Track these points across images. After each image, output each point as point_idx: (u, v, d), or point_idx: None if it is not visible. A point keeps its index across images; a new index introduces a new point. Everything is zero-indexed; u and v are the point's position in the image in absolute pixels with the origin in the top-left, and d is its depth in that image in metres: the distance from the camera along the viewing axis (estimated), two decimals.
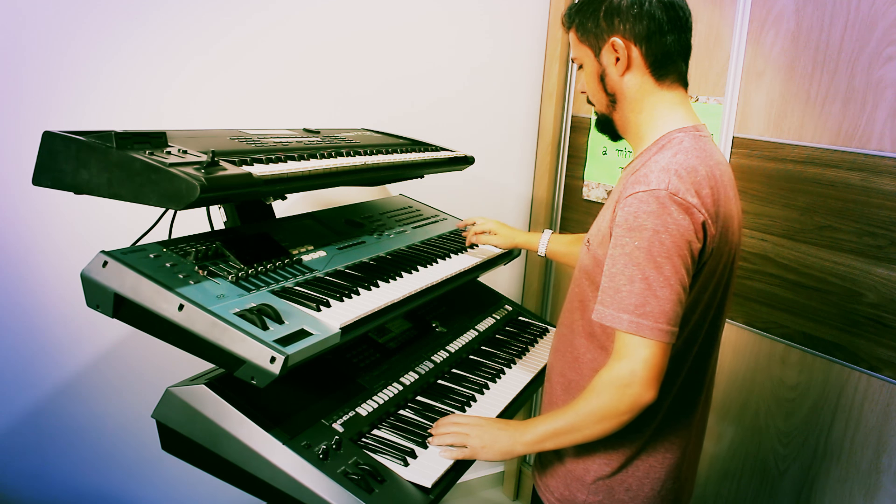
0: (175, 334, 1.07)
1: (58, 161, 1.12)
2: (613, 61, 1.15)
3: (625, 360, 1.04)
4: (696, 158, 1.08)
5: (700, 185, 1.05)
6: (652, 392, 1.04)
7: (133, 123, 1.80)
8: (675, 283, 1.02)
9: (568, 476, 1.22)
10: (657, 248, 1.02)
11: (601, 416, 1.07)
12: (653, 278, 1.02)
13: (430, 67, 2.27)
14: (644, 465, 1.19)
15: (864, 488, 1.68)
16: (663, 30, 1.12)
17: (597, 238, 1.16)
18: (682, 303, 1.03)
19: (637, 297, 1.02)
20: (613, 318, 1.04)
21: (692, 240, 1.03)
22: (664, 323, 1.02)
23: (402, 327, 1.61)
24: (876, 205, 1.60)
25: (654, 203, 1.03)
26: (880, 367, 1.62)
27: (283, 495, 1.08)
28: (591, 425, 1.09)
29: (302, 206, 2.07)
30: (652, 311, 1.02)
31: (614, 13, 1.13)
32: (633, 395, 1.04)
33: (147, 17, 1.79)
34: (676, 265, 1.02)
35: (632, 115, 1.18)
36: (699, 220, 1.04)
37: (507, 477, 2.80)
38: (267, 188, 1.20)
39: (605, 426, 1.08)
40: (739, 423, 1.95)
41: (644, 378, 1.03)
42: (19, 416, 1.83)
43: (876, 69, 1.57)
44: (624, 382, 1.04)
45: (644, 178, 1.06)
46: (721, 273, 1.15)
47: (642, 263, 1.02)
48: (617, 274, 1.05)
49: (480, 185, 2.47)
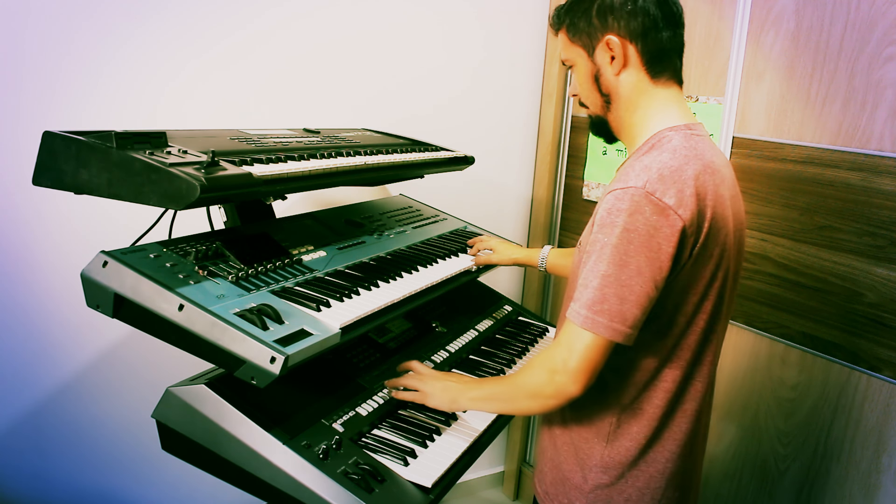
0: (175, 334, 1.07)
1: (58, 161, 1.11)
2: (608, 60, 1.13)
3: (562, 347, 1.05)
4: (682, 158, 1.05)
5: (682, 186, 1.02)
6: (577, 386, 1.04)
7: (133, 123, 1.80)
8: (637, 283, 1.01)
9: (566, 484, 1.21)
10: (625, 247, 1.01)
11: (529, 393, 1.11)
12: (615, 277, 1.01)
13: (430, 68, 2.27)
14: (644, 476, 1.16)
15: (864, 488, 1.68)
16: (658, 26, 1.11)
17: (586, 238, 1.15)
18: (642, 305, 1.02)
19: (597, 293, 1.02)
20: (574, 314, 1.04)
21: (663, 241, 1.01)
22: (619, 322, 1.01)
23: (402, 327, 1.61)
24: (876, 205, 1.60)
25: (628, 201, 1.01)
26: (880, 367, 1.62)
27: (283, 495, 1.08)
28: (520, 399, 1.14)
29: (302, 206, 2.07)
30: (609, 309, 1.01)
31: (607, 11, 1.11)
32: (559, 384, 1.05)
33: (148, 17, 1.79)
34: (641, 266, 1.00)
35: (626, 114, 1.17)
36: (675, 221, 1.01)
37: (507, 477, 2.80)
38: (267, 188, 1.20)
39: (532, 404, 1.12)
40: (739, 423, 1.95)
41: (573, 370, 1.03)
42: (19, 416, 1.83)
43: (876, 69, 1.57)
44: (555, 368, 1.06)
45: (624, 176, 1.05)
46: (715, 278, 1.10)
47: (608, 261, 1.01)
48: (588, 271, 1.04)
49: (480, 186, 2.47)
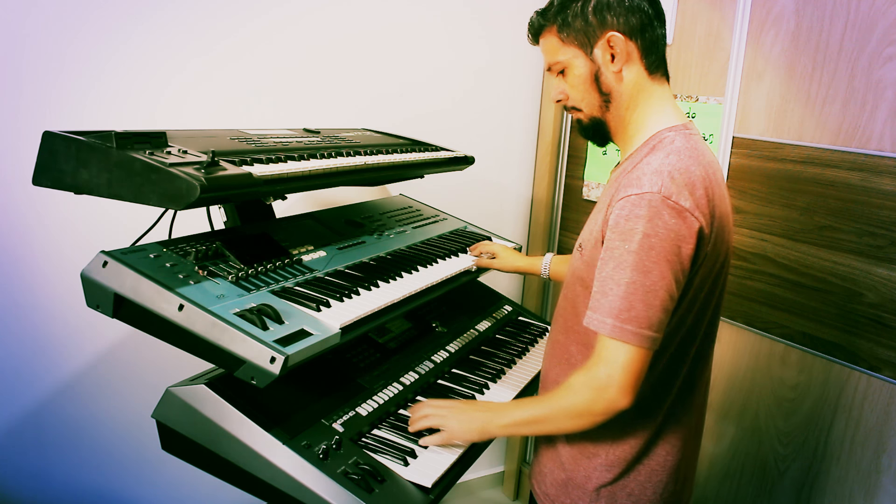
0: (175, 334, 1.07)
1: (58, 161, 1.11)
2: (609, 59, 1.13)
3: (603, 364, 1.04)
4: (689, 159, 1.06)
5: (694, 187, 1.04)
6: (628, 398, 1.03)
7: (133, 123, 1.80)
8: (662, 288, 1.01)
9: (568, 484, 1.21)
10: (646, 253, 1.01)
11: (575, 413, 1.08)
12: (640, 283, 1.01)
13: (431, 69, 2.27)
14: (646, 469, 1.18)
15: (864, 488, 1.68)
16: (653, 23, 1.13)
17: (589, 242, 1.14)
18: (667, 310, 1.02)
19: (623, 301, 1.01)
20: (599, 323, 1.04)
21: (683, 244, 1.02)
22: (647, 328, 1.01)
23: (402, 327, 1.61)
24: (876, 205, 1.60)
25: (646, 207, 1.01)
26: (880, 367, 1.62)
27: (283, 495, 1.08)
28: (563, 419, 1.10)
29: (302, 206, 2.07)
30: (636, 316, 1.01)
31: (604, 9, 1.11)
32: (608, 400, 1.04)
33: (148, 18, 1.79)
34: (664, 271, 1.01)
35: (627, 113, 1.17)
36: (692, 223, 1.02)
37: (507, 477, 2.80)
38: (267, 188, 1.20)
39: (577, 423, 1.09)
40: (739, 423, 1.95)
41: (621, 384, 1.03)
42: (19, 416, 1.83)
43: (876, 69, 1.57)
44: (601, 385, 1.04)
45: (636, 180, 1.04)
46: (717, 274, 1.14)
47: (631, 268, 1.01)
48: (606, 278, 1.04)
49: (481, 186, 2.47)
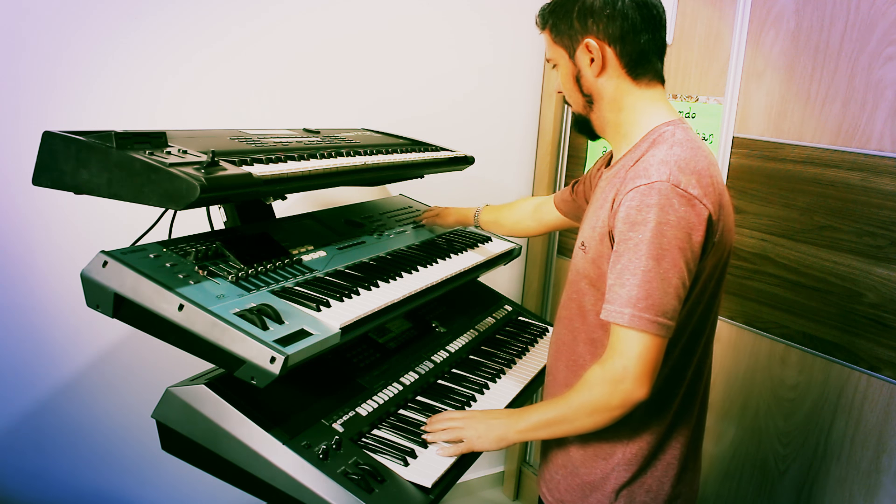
0: (175, 334, 1.07)
1: (58, 161, 1.11)
2: (588, 62, 1.14)
3: (618, 356, 1.04)
4: (691, 150, 1.08)
5: (701, 176, 1.05)
6: (644, 389, 1.04)
7: (133, 123, 1.80)
8: (675, 276, 1.02)
9: (585, 488, 1.20)
10: (659, 241, 1.01)
11: (593, 409, 1.08)
12: (655, 271, 1.01)
13: (430, 69, 2.27)
14: (662, 464, 1.18)
15: (864, 488, 1.68)
16: (637, 29, 1.12)
17: (593, 239, 1.14)
18: (680, 297, 1.03)
19: (639, 290, 1.02)
20: (617, 314, 1.04)
21: (694, 232, 1.02)
22: (662, 317, 1.02)
23: (402, 327, 1.61)
24: (876, 205, 1.60)
25: (656, 195, 1.02)
26: (880, 367, 1.62)
27: (283, 495, 1.08)
28: (582, 417, 1.10)
29: (302, 206, 2.07)
30: (653, 304, 1.01)
31: (587, 14, 1.12)
32: (625, 392, 1.04)
33: (148, 17, 1.79)
34: (676, 258, 1.02)
35: (611, 114, 1.18)
36: (702, 211, 1.03)
37: (507, 477, 2.80)
38: (267, 188, 1.20)
39: (596, 419, 1.09)
40: (739, 423, 1.95)
41: (637, 374, 1.03)
42: (19, 416, 1.83)
43: (876, 69, 1.57)
44: (617, 378, 1.04)
45: (644, 171, 1.05)
46: (724, 264, 1.15)
47: (645, 257, 1.02)
48: (622, 270, 1.04)
49: (480, 185, 2.47)
